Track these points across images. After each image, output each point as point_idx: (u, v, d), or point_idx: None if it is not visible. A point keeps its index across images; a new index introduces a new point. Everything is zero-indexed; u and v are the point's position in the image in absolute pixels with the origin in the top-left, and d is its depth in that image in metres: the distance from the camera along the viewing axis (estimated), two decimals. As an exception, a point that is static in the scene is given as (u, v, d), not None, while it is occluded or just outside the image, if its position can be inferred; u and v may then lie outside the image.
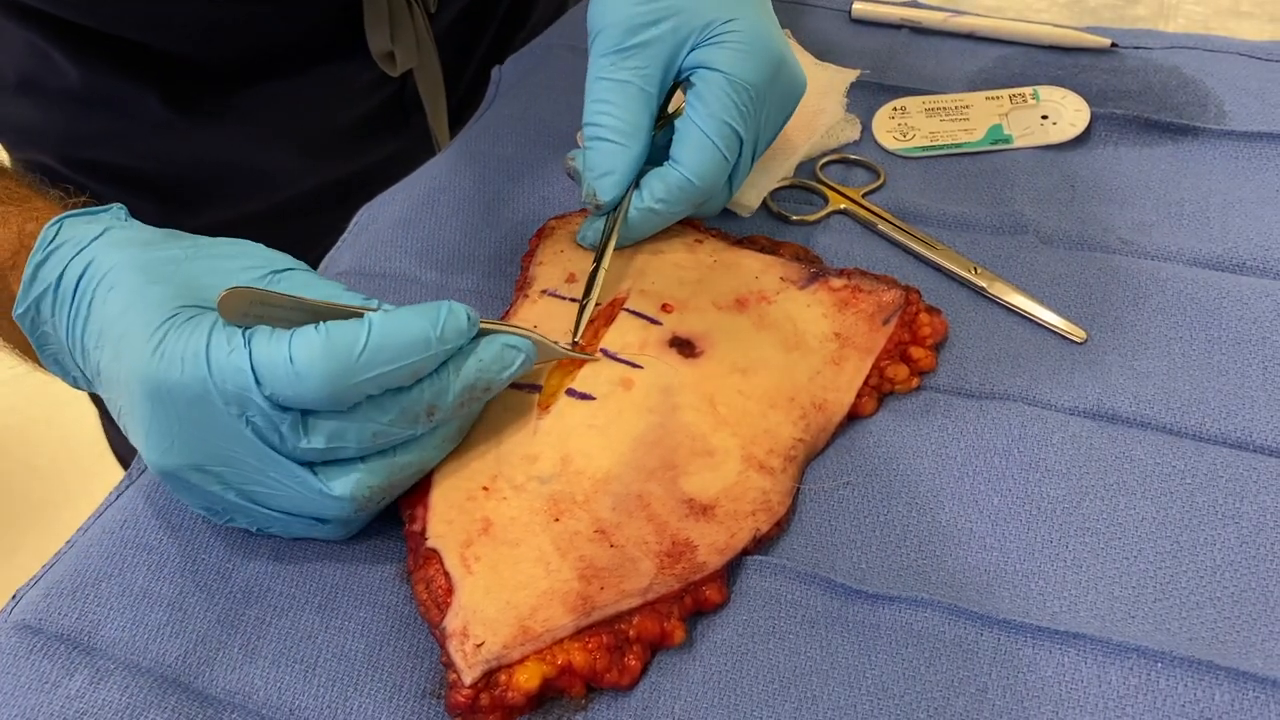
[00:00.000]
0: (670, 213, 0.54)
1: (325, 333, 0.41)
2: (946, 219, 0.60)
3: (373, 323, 0.42)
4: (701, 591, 0.44)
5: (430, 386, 0.43)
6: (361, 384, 0.41)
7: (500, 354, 0.45)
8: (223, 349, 0.41)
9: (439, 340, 0.43)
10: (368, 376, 0.41)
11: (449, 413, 0.44)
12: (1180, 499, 0.46)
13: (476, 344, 0.45)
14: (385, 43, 0.73)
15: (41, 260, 0.45)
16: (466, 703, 0.41)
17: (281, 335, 0.41)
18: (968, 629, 0.43)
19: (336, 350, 0.41)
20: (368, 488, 0.44)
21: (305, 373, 0.40)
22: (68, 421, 1.62)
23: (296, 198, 0.81)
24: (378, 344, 0.41)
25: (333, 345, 0.41)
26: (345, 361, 0.41)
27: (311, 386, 0.40)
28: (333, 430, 0.42)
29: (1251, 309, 0.53)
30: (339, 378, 0.41)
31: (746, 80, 0.52)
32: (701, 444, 0.47)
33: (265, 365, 0.41)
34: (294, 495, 0.43)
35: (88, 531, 0.49)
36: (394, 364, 0.42)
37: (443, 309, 0.43)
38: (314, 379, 0.40)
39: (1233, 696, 0.40)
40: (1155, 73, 0.68)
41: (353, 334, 0.41)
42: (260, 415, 0.41)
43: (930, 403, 0.51)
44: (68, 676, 0.44)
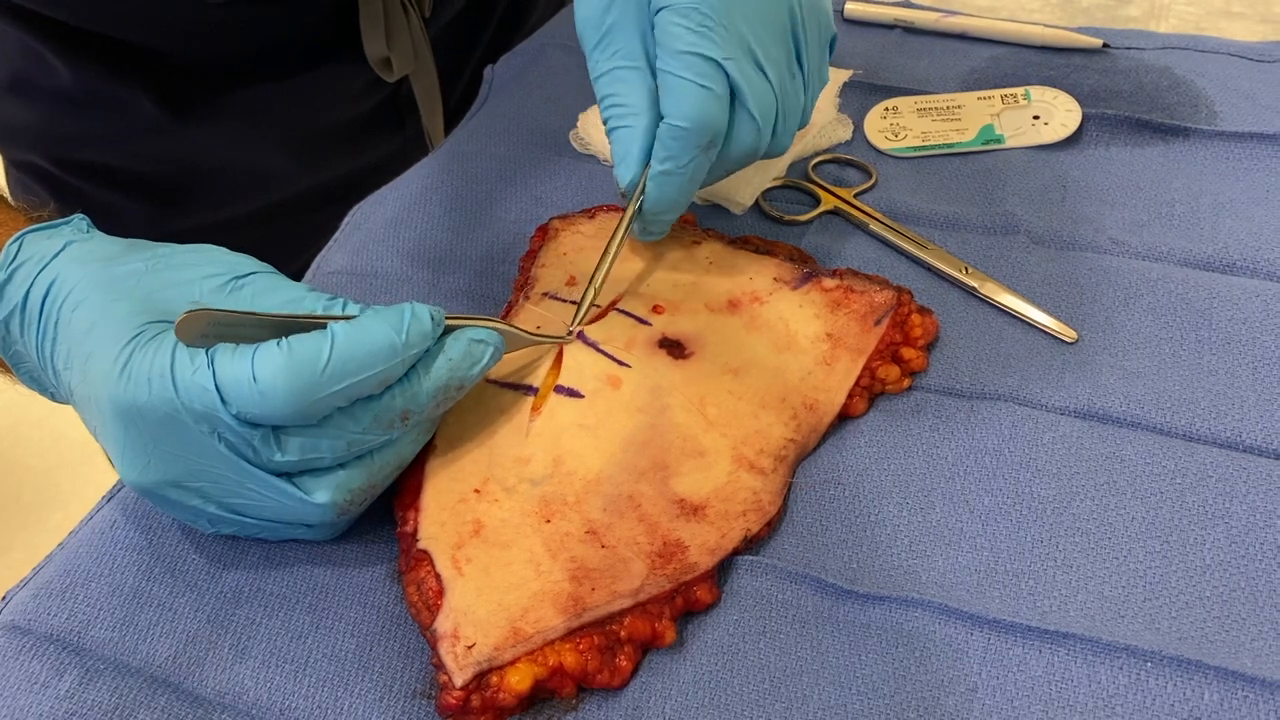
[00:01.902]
0: (686, 169, 0.50)
1: (287, 348, 0.40)
2: (938, 219, 0.60)
3: (335, 335, 0.41)
4: (692, 592, 0.44)
5: (402, 392, 0.43)
6: (328, 398, 0.41)
7: (468, 350, 0.44)
8: (187, 368, 0.40)
9: (404, 346, 0.42)
10: (334, 390, 0.41)
11: (424, 414, 0.44)
12: (1170, 499, 0.46)
13: (444, 343, 0.44)
14: (381, 48, 0.72)
15: (5, 280, 0.45)
16: (457, 704, 0.41)
17: (245, 352, 0.40)
18: (958, 628, 0.43)
19: (299, 366, 0.40)
20: (348, 491, 0.43)
21: (269, 391, 0.40)
22: (60, 422, 1.62)
23: (290, 199, 0.81)
24: (341, 357, 0.40)
25: (295, 361, 0.40)
26: (309, 377, 0.40)
27: (277, 404, 0.40)
28: (306, 443, 0.42)
29: (1242, 309, 0.53)
30: (304, 394, 0.40)
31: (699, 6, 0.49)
32: (692, 444, 0.47)
33: (229, 384, 0.40)
34: (275, 505, 0.43)
35: (78, 531, 0.49)
36: (360, 375, 0.41)
37: (405, 312, 0.42)
38: (279, 396, 0.40)
39: (1222, 696, 0.40)
40: (1147, 73, 0.69)
41: (315, 348, 0.40)
42: (231, 432, 0.41)
43: (921, 403, 0.51)
44: (57, 677, 0.43)
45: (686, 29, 0.49)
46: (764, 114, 0.51)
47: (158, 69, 0.70)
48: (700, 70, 0.49)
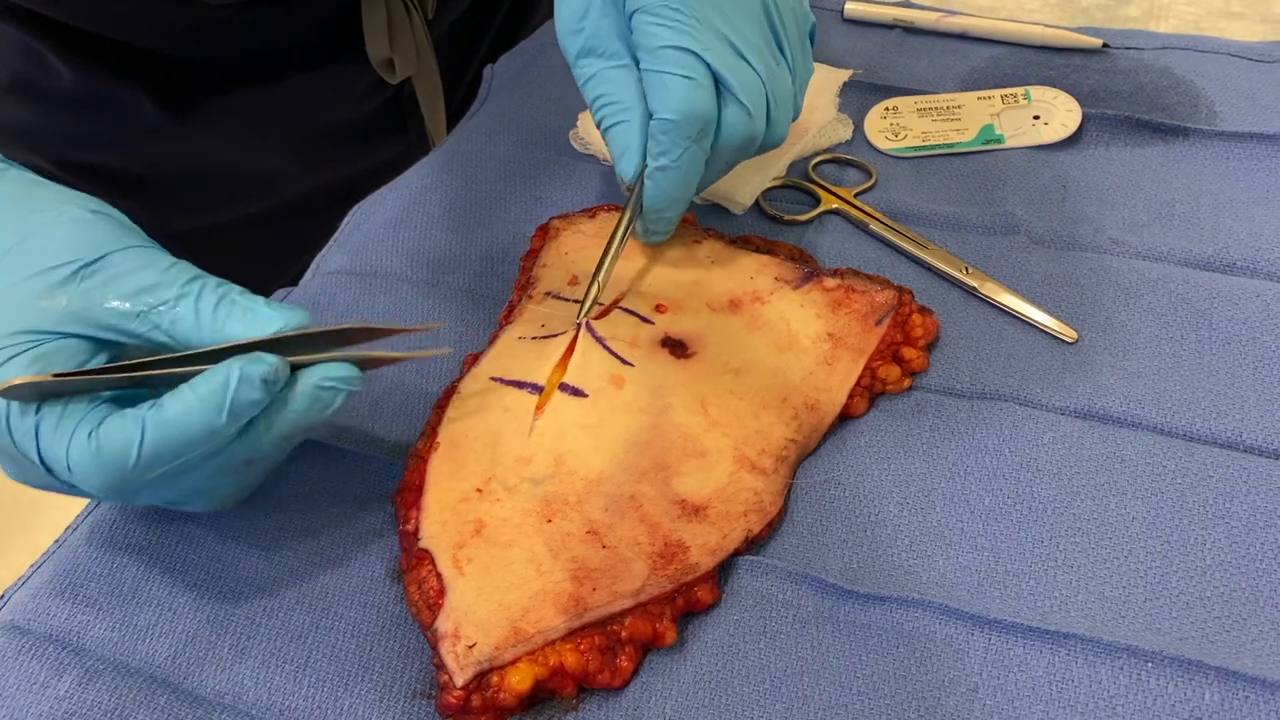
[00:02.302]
0: (680, 162, 0.50)
1: (96, 443, 0.39)
2: (938, 219, 0.60)
3: (145, 426, 0.38)
4: (693, 592, 0.44)
5: (242, 444, 0.41)
6: (145, 483, 0.40)
7: (315, 399, 0.41)
8: (19, 427, 0.39)
9: (226, 424, 0.39)
10: (150, 478, 0.39)
11: (270, 459, 0.43)
12: (1171, 499, 0.46)
13: (289, 393, 0.41)
14: (384, 49, 0.72)
15: None
16: (458, 704, 0.41)
17: (66, 428, 0.39)
18: (959, 629, 0.43)
19: (107, 461, 0.38)
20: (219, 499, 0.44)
21: (82, 482, 0.39)
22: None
23: (292, 201, 0.81)
24: (153, 449, 0.39)
25: (103, 457, 0.38)
26: (119, 471, 0.39)
27: (94, 491, 0.39)
28: (155, 494, 0.41)
29: (1242, 309, 0.53)
30: (118, 484, 0.39)
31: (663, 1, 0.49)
32: (694, 444, 0.47)
33: (51, 461, 0.39)
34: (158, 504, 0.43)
35: (76, 530, 0.49)
36: (177, 459, 0.39)
37: (232, 378, 0.39)
38: (93, 487, 0.39)
39: (1223, 696, 0.40)
40: (1147, 73, 0.69)
41: (125, 442, 0.38)
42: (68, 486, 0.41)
43: (922, 403, 0.51)
44: (56, 677, 0.43)
45: (662, 26, 0.49)
46: (753, 101, 0.50)
47: (159, 70, 0.70)
48: (680, 62, 0.49)
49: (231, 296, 0.42)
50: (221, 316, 0.41)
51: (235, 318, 0.41)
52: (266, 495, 0.49)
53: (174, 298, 0.41)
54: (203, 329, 0.41)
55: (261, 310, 0.41)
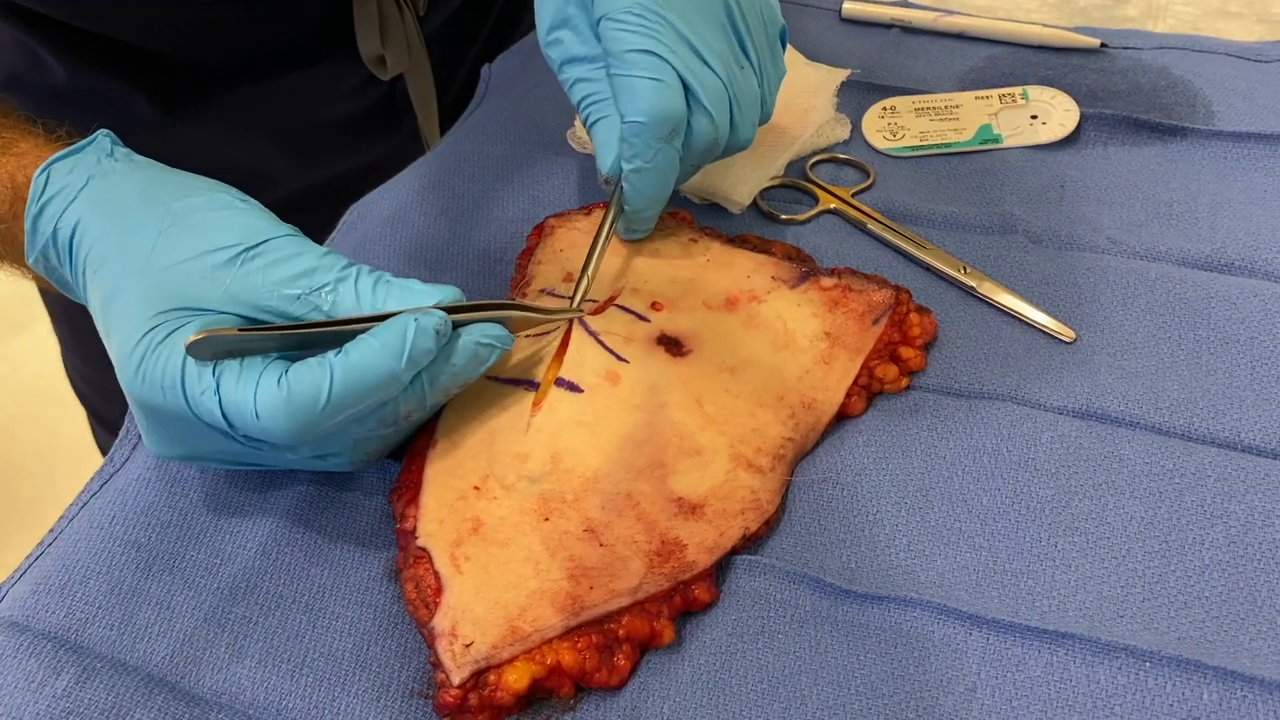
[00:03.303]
0: (654, 164, 0.51)
1: (287, 388, 0.41)
2: (936, 218, 0.60)
3: (334, 370, 0.41)
4: (691, 591, 0.44)
5: (406, 399, 0.44)
6: (329, 428, 0.42)
7: (475, 354, 0.45)
8: (195, 387, 0.41)
9: (406, 370, 0.42)
10: (334, 422, 0.42)
11: (428, 413, 0.45)
12: (1169, 499, 0.46)
13: (451, 348, 0.44)
14: (376, 46, 0.72)
15: (37, 213, 0.46)
16: (455, 703, 0.41)
17: (249, 379, 0.41)
18: (957, 628, 0.43)
19: (298, 405, 0.41)
20: (364, 454, 0.46)
21: (270, 427, 0.41)
22: (55, 421, 1.62)
23: (286, 198, 0.81)
24: (341, 393, 0.41)
25: (294, 401, 0.41)
26: (309, 414, 0.41)
27: (278, 437, 0.41)
28: (313, 448, 0.43)
29: (1240, 309, 0.53)
30: (304, 429, 0.41)
31: (626, 6, 0.50)
32: (690, 443, 0.47)
33: (234, 413, 0.41)
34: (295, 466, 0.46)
35: (73, 520, 0.49)
36: (359, 405, 0.42)
37: (409, 330, 0.42)
38: (279, 432, 0.41)
39: (1220, 696, 0.40)
40: (1144, 73, 0.69)
41: (315, 385, 0.41)
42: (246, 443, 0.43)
43: (919, 402, 0.51)
44: (54, 675, 0.43)
45: (626, 31, 0.50)
46: (716, 105, 0.51)
47: (152, 68, 0.70)
48: (647, 65, 0.49)
49: (387, 278, 0.44)
50: (380, 295, 0.44)
51: (394, 295, 0.44)
52: (264, 493, 0.49)
53: (334, 281, 0.44)
54: (363, 308, 0.44)
55: (418, 287, 0.44)
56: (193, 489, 0.49)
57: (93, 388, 0.86)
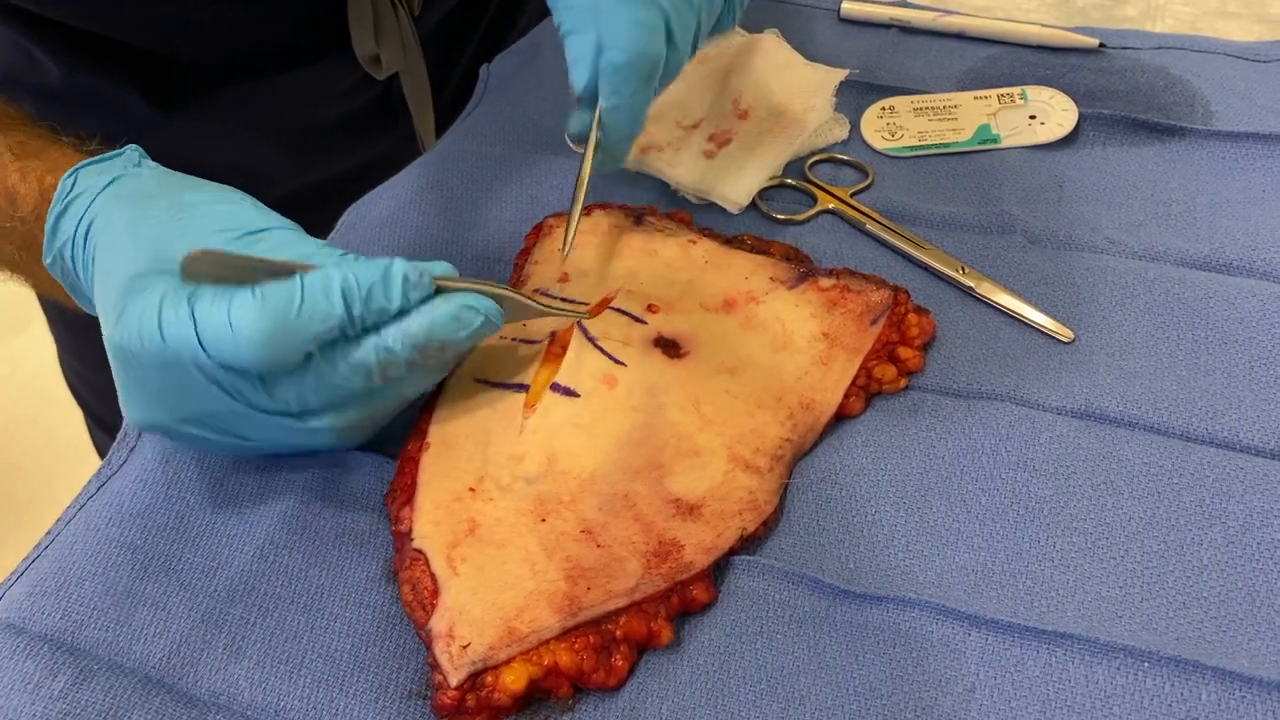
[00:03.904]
0: (632, 103, 0.51)
1: (260, 295, 0.41)
2: (934, 219, 0.60)
3: (304, 281, 0.42)
4: (688, 591, 0.44)
5: (377, 345, 0.43)
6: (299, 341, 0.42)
7: (456, 314, 0.44)
8: (171, 319, 0.42)
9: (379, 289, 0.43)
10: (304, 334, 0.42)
11: (403, 370, 0.44)
12: (1167, 499, 0.46)
13: (431, 302, 0.44)
14: (370, 45, 0.72)
15: (60, 212, 0.47)
16: (453, 704, 0.41)
17: (223, 298, 0.42)
18: (955, 629, 0.43)
19: (272, 309, 0.41)
20: (346, 420, 0.45)
21: (242, 335, 0.41)
22: (53, 421, 1.62)
23: (282, 198, 0.80)
24: (312, 301, 0.42)
25: (268, 305, 0.41)
26: (283, 319, 0.41)
27: (250, 348, 0.41)
28: (294, 392, 0.43)
29: (1238, 309, 0.53)
30: (278, 338, 0.41)
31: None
32: (687, 443, 0.47)
33: (208, 331, 0.41)
34: (278, 436, 0.45)
35: (70, 524, 0.49)
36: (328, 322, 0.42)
37: (387, 266, 0.43)
38: (251, 341, 0.41)
39: (1219, 696, 0.40)
40: (1143, 73, 0.69)
41: (288, 293, 0.41)
42: (221, 377, 0.42)
43: (918, 402, 0.51)
44: (51, 677, 0.43)
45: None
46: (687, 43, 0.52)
47: (147, 67, 0.70)
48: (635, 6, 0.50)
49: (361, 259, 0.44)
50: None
51: None
52: (261, 495, 0.49)
53: (332, 265, 0.44)
54: None
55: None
56: (190, 492, 0.49)
57: (89, 388, 0.86)
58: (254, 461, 0.50)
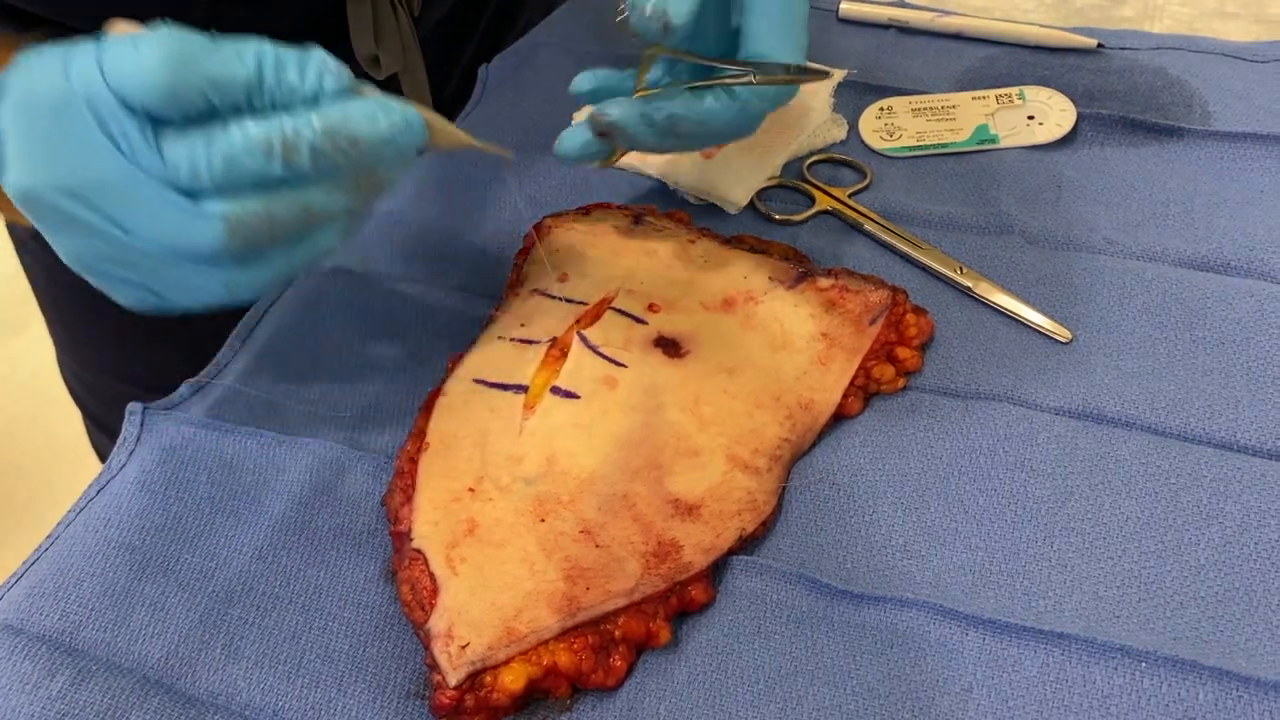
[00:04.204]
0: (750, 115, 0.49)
1: (173, 30, 0.40)
2: (932, 219, 0.60)
3: (220, 38, 0.41)
4: (687, 592, 0.44)
5: (287, 119, 0.41)
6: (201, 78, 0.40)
7: (372, 110, 0.42)
8: (77, 55, 0.40)
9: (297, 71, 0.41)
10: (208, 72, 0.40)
11: (308, 161, 0.41)
12: (1165, 499, 0.46)
13: (348, 97, 0.42)
14: (370, 46, 0.72)
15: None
16: (451, 704, 0.41)
17: (136, 37, 0.40)
18: (953, 629, 0.43)
19: (181, 41, 0.40)
20: (242, 209, 0.41)
21: (145, 56, 0.39)
22: (52, 421, 1.62)
23: None
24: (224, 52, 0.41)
25: (178, 38, 0.40)
26: (190, 51, 0.40)
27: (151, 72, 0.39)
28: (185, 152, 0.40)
29: (1236, 309, 0.53)
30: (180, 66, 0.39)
31: None
32: (686, 444, 0.47)
33: (111, 56, 0.40)
34: (165, 220, 0.41)
35: (69, 526, 0.49)
36: (235, 64, 0.41)
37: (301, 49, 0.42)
38: (154, 62, 0.39)
39: (1216, 696, 0.40)
40: (1141, 73, 0.69)
41: (201, 38, 0.41)
42: (113, 120, 0.40)
43: (916, 403, 0.51)
44: (49, 678, 0.43)
45: None
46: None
47: None
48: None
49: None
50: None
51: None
52: (259, 495, 0.49)
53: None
54: None
55: None
56: (188, 493, 0.49)
57: (88, 390, 0.86)
58: (253, 461, 0.50)
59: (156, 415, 0.53)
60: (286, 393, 0.54)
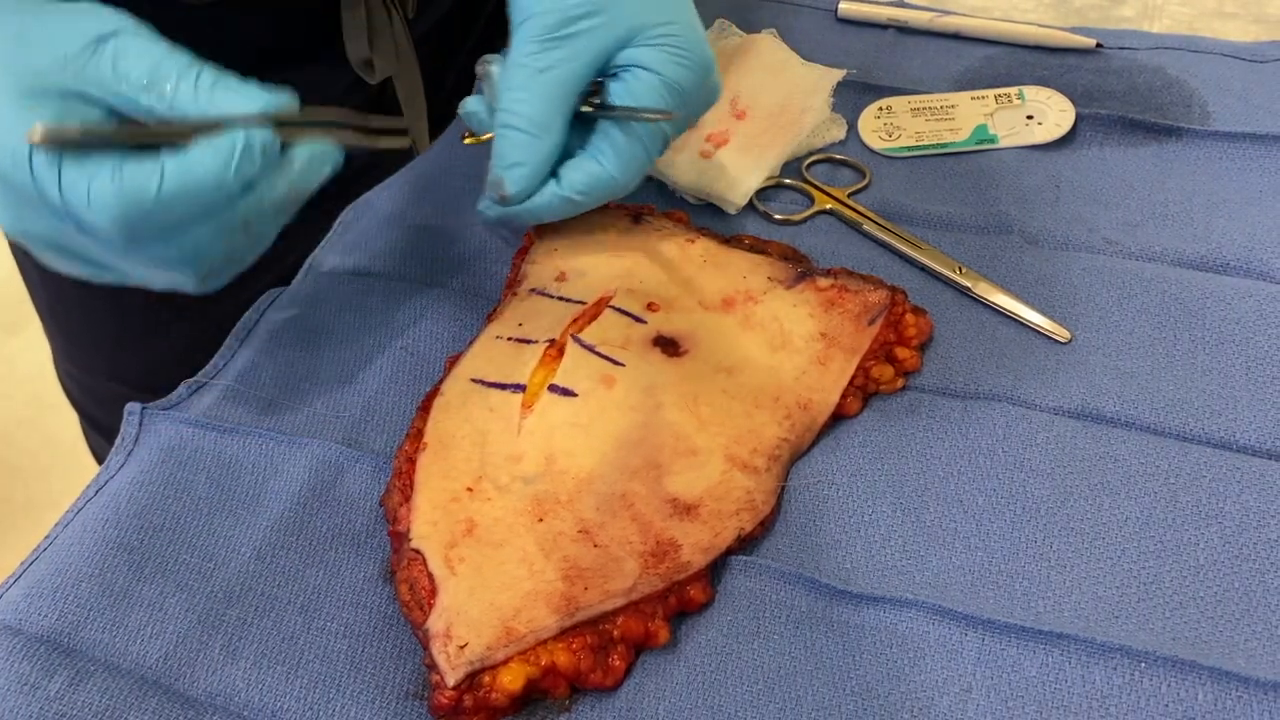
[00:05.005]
0: (586, 205, 0.53)
1: (120, 178, 0.42)
2: (932, 219, 0.60)
3: (165, 168, 0.42)
4: (686, 591, 0.44)
5: (243, 206, 0.44)
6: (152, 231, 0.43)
7: (308, 166, 0.46)
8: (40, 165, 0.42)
9: (235, 180, 0.43)
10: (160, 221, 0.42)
11: (268, 223, 0.46)
12: (1164, 499, 0.46)
13: (287, 158, 0.45)
14: (364, 50, 0.72)
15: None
16: (450, 704, 0.41)
17: (89, 167, 0.42)
18: (952, 629, 0.43)
19: (129, 196, 0.42)
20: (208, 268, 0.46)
21: (99, 216, 0.42)
22: (51, 423, 1.62)
23: None
24: (170, 190, 0.42)
25: (125, 191, 0.42)
26: (139, 205, 0.42)
27: (107, 227, 0.42)
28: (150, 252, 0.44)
29: (1235, 309, 0.53)
30: (133, 221, 0.42)
31: (681, 84, 0.51)
32: (685, 443, 0.47)
33: (70, 194, 0.42)
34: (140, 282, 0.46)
35: (68, 526, 0.49)
36: (189, 205, 0.43)
37: (238, 144, 0.43)
38: (107, 221, 0.42)
39: (1215, 696, 0.40)
40: (1140, 73, 0.69)
41: (145, 179, 0.42)
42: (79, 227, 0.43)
43: (915, 403, 0.51)
44: (47, 678, 0.43)
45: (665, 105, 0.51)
46: None
47: None
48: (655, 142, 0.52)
49: (227, 80, 0.45)
50: (219, 94, 0.44)
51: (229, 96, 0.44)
52: (258, 496, 0.49)
53: (176, 76, 0.44)
54: (200, 102, 0.44)
55: (254, 90, 0.45)
56: (186, 493, 0.49)
57: (84, 391, 0.86)
58: (251, 462, 0.50)
59: (155, 415, 0.53)
60: (284, 393, 0.54)
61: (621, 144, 0.52)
